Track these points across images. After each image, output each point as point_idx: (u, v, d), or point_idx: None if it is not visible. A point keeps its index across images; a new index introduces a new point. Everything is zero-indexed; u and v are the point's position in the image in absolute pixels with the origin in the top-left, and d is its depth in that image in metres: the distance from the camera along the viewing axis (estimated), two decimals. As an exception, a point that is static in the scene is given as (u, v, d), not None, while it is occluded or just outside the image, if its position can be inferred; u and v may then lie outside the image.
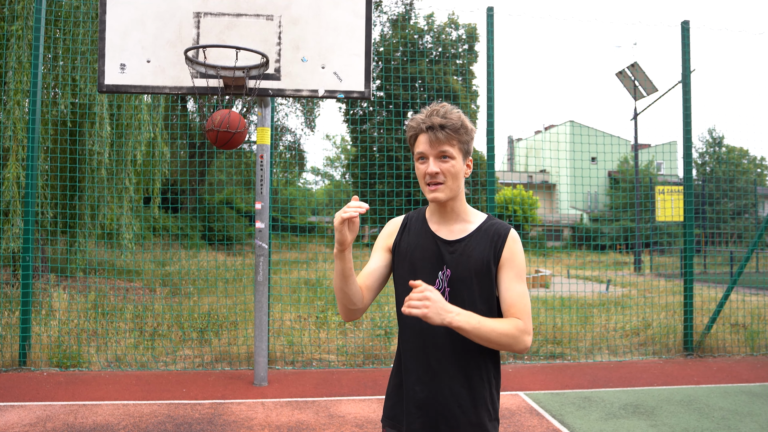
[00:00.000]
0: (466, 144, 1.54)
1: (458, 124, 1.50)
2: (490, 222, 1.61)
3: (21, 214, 6.35)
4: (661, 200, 8.18)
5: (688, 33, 5.99)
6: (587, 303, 7.80)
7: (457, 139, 1.51)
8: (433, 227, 1.61)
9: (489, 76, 5.67)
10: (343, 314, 1.59)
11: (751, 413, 4.13)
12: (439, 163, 1.50)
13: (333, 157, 46.07)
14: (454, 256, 1.54)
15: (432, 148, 1.50)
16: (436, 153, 1.50)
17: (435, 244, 1.57)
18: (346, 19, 4.42)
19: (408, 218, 1.67)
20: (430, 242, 1.58)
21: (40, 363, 5.07)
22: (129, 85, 4.35)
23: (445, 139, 1.49)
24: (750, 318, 6.82)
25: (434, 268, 1.55)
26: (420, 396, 1.53)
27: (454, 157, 1.51)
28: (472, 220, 1.61)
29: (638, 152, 15.96)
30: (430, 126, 1.49)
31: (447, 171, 1.51)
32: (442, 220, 1.60)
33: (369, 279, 1.61)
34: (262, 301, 4.65)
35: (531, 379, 5.05)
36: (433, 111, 1.52)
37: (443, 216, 1.60)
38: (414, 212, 1.69)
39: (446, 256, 1.55)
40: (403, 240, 1.63)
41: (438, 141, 1.49)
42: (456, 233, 1.58)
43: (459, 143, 1.52)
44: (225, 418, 3.91)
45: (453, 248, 1.56)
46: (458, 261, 1.53)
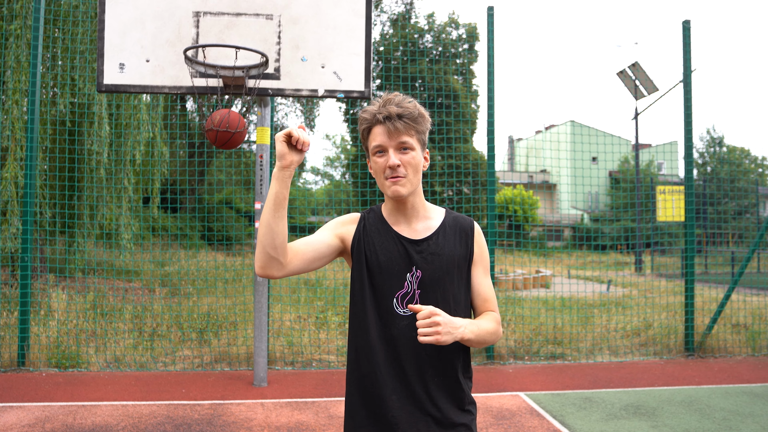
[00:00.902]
0: (423, 134, 1.47)
1: (416, 112, 1.43)
2: (451, 216, 1.55)
3: (19, 214, 6.34)
4: (662, 200, 8.17)
5: (689, 32, 5.97)
6: (588, 303, 7.79)
7: (415, 129, 1.43)
8: (394, 227, 1.51)
9: (489, 76, 5.65)
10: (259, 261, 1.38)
11: (752, 414, 4.11)
12: (399, 155, 1.42)
13: (333, 157, 46.08)
14: (424, 256, 1.47)
15: (391, 140, 1.42)
16: (395, 144, 1.42)
17: (400, 245, 1.48)
18: (346, 19, 4.40)
19: (363, 218, 1.55)
20: (394, 243, 1.48)
21: (39, 363, 5.06)
22: (128, 84, 4.34)
23: (404, 129, 1.41)
24: (751, 318, 6.81)
25: (402, 270, 1.46)
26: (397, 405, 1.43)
27: (413, 147, 1.43)
28: (433, 216, 1.54)
29: (639, 152, 15.93)
30: (387, 116, 1.41)
31: (408, 163, 1.43)
32: (402, 218, 1.51)
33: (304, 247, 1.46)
34: (262, 302, 4.64)
35: (531, 379, 5.04)
36: (387, 100, 1.43)
37: (403, 213, 1.51)
38: (367, 212, 1.57)
39: (414, 256, 1.46)
40: (362, 241, 1.50)
41: (397, 131, 1.41)
42: (420, 232, 1.50)
43: (417, 133, 1.44)
44: (224, 418, 3.90)
45: (420, 248, 1.48)
46: (428, 260, 1.46)
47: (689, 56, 5.98)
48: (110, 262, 8.32)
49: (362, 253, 1.49)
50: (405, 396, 1.44)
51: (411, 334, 1.42)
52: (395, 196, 1.44)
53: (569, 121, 36.24)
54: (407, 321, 1.43)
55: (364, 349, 1.47)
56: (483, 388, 4.69)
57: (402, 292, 1.45)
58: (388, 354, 1.44)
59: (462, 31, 22.98)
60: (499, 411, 4.16)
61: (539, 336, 6.11)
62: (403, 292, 1.45)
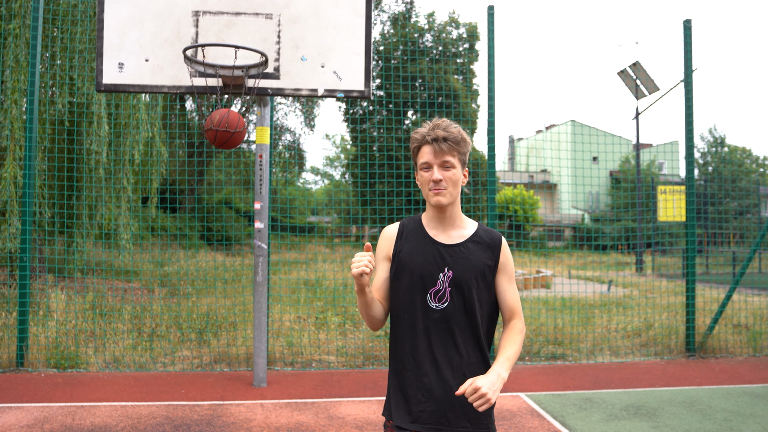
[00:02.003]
0: (464, 155, 1.73)
1: (459, 137, 1.70)
2: (483, 230, 1.80)
3: (18, 214, 6.32)
4: (663, 200, 8.15)
5: (690, 32, 5.95)
6: (588, 304, 7.77)
7: (458, 151, 1.70)
8: (431, 233, 1.77)
9: (490, 75, 5.63)
10: (370, 327, 1.79)
11: (753, 414, 4.10)
12: (442, 171, 1.69)
13: (333, 157, 46.07)
14: (455, 259, 1.71)
15: (436, 158, 1.69)
16: (439, 162, 1.69)
17: (435, 248, 1.73)
18: (346, 18, 4.38)
19: (403, 225, 1.82)
20: (430, 246, 1.74)
21: (38, 364, 5.04)
22: (127, 84, 4.32)
23: (448, 150, 1.68)
24: (752, 319, 6.79)
25: (436, 270, 1.70)
26: (428, 386, 1.67)
27: (455, 166, 1.70)
28: (467, 227, 1.79)
29: (640, 152, 15.91)
30: (434, 138, 1.68)
31: (449, 178, 1.69)
32: (439, 225, 1.77)
33: (382, 291, 1.78)
34: (261, 302, 4.62)
35: (532, 380, 5.02)
36: (436, 125, 1.70)
37: (441, 222, 1.76)
38: (408, 220, 1.84)
39: (447, 258, 1.71)
40: (403, 247, 1.77)
41: (441, 152, 1.68)
42: (454, 238, 1.76)
43: (459, 154, 1.71)
44: (224, 419, 3.89)
45: (453, 251, 1.73)
46: (459, 263, 1.70)
47: (690, 56, 5.96)
48: (109, 262, 8.31)
49: (403, 256, 1.75)
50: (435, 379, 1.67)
51: (442, 326, 1.69)
52: (437, 204, 1.71)
53: (570, 120, 36.22)
54: (439, 314, 1.69)
55: (402, 337, 1.73)
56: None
57: (435, 288, 1.70)
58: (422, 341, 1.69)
59: (462, 31, 22.95)
60: (499, 412, 4.14)
61: (540, 336, 6.09)
62: (436, 288, 1.70)
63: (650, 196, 12.10)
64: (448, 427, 1.66)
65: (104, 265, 7.98)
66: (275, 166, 13.98)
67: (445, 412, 1.66)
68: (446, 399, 1.66)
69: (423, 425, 1.67)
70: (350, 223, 16.41)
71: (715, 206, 16.01)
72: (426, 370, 1.68)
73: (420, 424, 1.67)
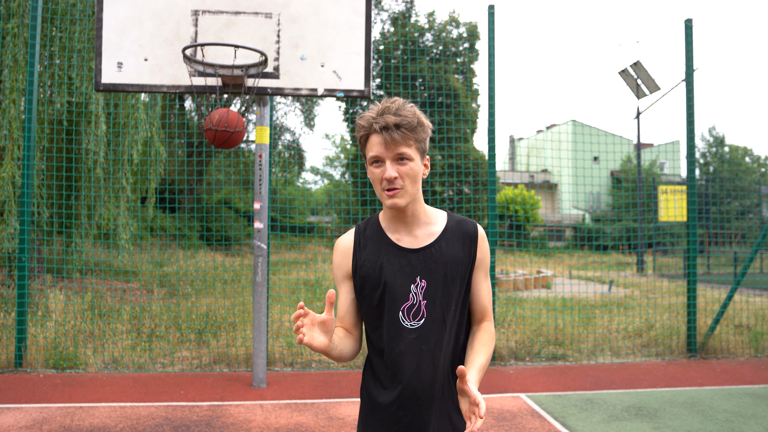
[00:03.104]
0: (422, 142, 1.41)
1: (414, 121, 1.36)
2: (455, 221, 1.50)
3: (17, 214, 6.31)
4: (664, 200, 8.14)
5: (691, 31, 5.93)
6: (589, 304, 7.76)
7: (414, 138, 1.37)
8: (393, 237, 1.47)
9: (490, 75, 5.61)
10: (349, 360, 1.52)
11: (755, 415, 4.08)
12: (396, 167, 1.37)
13: (332, 157, 46.02)
14: (427, 265, 1.43)
15: (388, 151, 1.36)
16: (392, 156, 1.37)
17: (402, 256, 1.44)
18: (346, 17, 4.37)
19: (359, 233, 1.51)
20: (395, 255, 1.44)
21: (37, 365, 5.03)
22: (126, 83, 4.31)
23: (402, 140, 1.35)
24: (754, 319, 6.77)
25: (406, 281, 1.42)
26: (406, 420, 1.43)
27: (412, 158, 1.38)
28: (435, 221, 1.49)
29: (641, 151, 15.89)
30: (384, 126, 1.35)
31: (406, 174, 1.38)
32: (402, 227, 1.47)
33: (348, 317, 1.50)
34: (261, 302, 4.61)
35: (532, 380, 5.00)
36: (384, 108, 1.37)
37: (403, 223, 1.46)
38: (363, 224, 1.53)
39: (418, 266, 1.42)
40: (361, 258, 1.47)
41: (394, 142, 1.35)
42: (421, 239, 1.46)
43: (416, 142, 1.38)
44: (223, 420, 3.87)
45: (423, 256, 1.44)
46: (432, 269, 1.42)
47: (691, 55, 5.94)
48: (108, 263, 8.29)
49: (365, 271, 1.46)
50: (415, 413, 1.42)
51: (420, 348, 1.40)
52: (393, 207, 1.40)
53: (571, 120, 36.21)
54: (415, 334, 1.41)
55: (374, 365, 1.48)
56: (484, 390, 4.65)
57: (408, 304, 1.42)
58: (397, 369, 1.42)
59: (462, 30, 22.94)
60: (500, 412, 4.12)
61: (540, 337, 6.07)
62: (409, 304, 1.42)
63: (651, 196, 12.09)
64: None
65: (103, 266, 7.96)
66: (275, 166, 13.96)
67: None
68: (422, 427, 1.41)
69: None
70: (350, 223, 16.39)
71: (716, 206, 15.99)
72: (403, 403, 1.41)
73: None
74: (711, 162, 37.82)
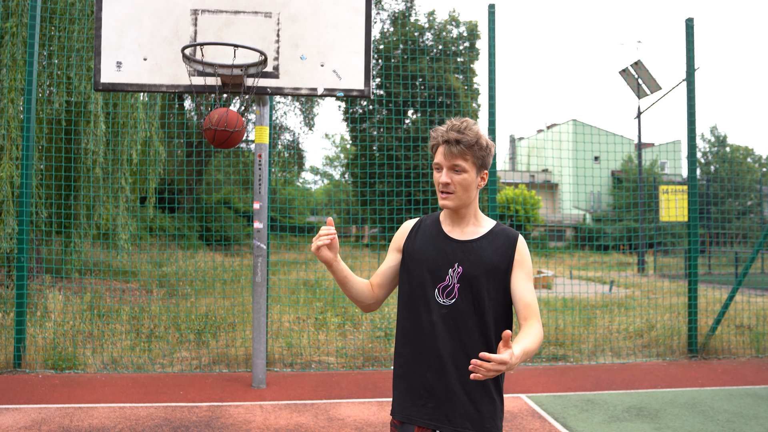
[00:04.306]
0: (480, 159, 1.65)
1: (473, 141, 1.62)
2: (500, 228, 1.74)
3: (15, 214, 6.29)
4: (665, 200, 8.12)
5: (692, 30, 5.91)
6: (590, 304, 7.74)
7: (471, 154, 1.63)
8: (446, 229, 1.74)
9: (490, 74, 5.59)
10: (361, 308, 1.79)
11: (756, 416, 4.06)
12: (451, 174, 1.64)
13: (332, 157, 46.03)
14: (466, 255, 1.66)
15: (446, 160, 1.64)
16: (449, 165, 1.64)
17: (447, 244, 1.70)
18: (346, 17, 4.35)
19: (422, 220, 1.81)
20: (442, 242, 1.71)
21: (35, 365, 5.01)
22: (125, 83, 4.29)
23: (459, 154, 1.62)
24: (755, 319, 6.76)
25: (446, 265, 1.66)
26: (431, 383, 1.64)
27: (466, 170, 1.64)
28: (483, 225, 1.74)
29: (642, 151, 15.88)
30: (446, 140, 1.63)
31: (458, 182, 1.64)
32: (454, 223, 1.73)
33: (379, 277, 1.77)
34: (261, 303, 4.59)
35: (533, 381, 4.99)
36: (452, 126, 1.64)
37: (455, 220, 1.73)
38: (428, 216, 1.82)
39: (458, 254, 1.67)
40: (415, 240, 1.75)
41: (451, 154, 1.62)
42: (468, 234, 1.71)
43: (473, 158, 1.64)
44: (223, 420, 3.86)
45: (465, 247, 1.68)
46: (469, 259, 1.65)
47: (692, 54, 5.92)
48: (107, 263, 8.27)
49: (415, 249, 1.73)
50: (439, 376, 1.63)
51: (449, 322, 1.63)
52: (442, 207, 1.69)
53: (571, 119, 36.17)
54: (446, 310, 1.64)
55: (407, 331, 1.71)
56: (484, 391, 4.64)
57: (444, 284, 1.66)
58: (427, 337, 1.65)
59: (463, 29, 22.92)
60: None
61: (541, 337, 6.05)
62: (445, 284, 1.66)
63: (652, 195, 12.07)
64: (449, 426, 1.62)
65: (102, 266, 7.94)
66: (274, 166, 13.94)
67: (446, 411, 1.62)
68: (448, 398, 1.62)
69: (424, 421, 1.64)
70: (350, 223, 16.38)
71: (717, 206, 15.97)
72: (430, 366, 1.64)
73: (421, 419, 1.64)
74: (712, 162, 37.79)
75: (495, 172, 5.66)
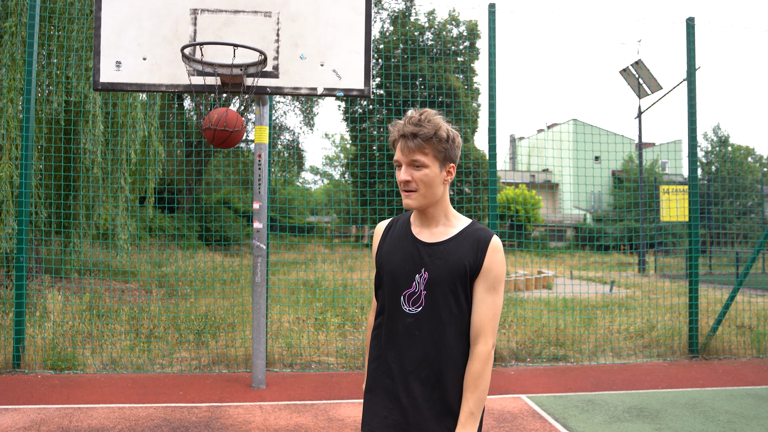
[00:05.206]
0: (443, 152, 1.53)
1: (430, 133, 1.48)
2: (473, 227, 1.60)
3: (14, 214, 6.28)
4: (666, 200, 8.11)
5: (693, 30, 5.90)
6: (591, 304, 7.73)
7: (431, 148, 1.50)
8: (414, 230, 1.62)
9: (491, 74, 5.58)
10: None
11: (757, 416, 4.05)
12: (411, 171, 1.51)
13: (332, 156, 46.00)
14: (433, 259, 1.54)
15: (405, 156, 1.52)
16: (408, 161, 1.52)
17: (414, 247, 1.58)
18: (346, 16, 4.34)
19: (394, 221, 1.70)
20: (409, 245, 1.59)
21: (35, 365, 5.00)
22: (125, 83, 4.28)
23: (416, 148, 1.49)
24: (756, 320, 6.74)
25: (412, 270, 1.55)
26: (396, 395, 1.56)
27: (427, 165, 1.51)
28: (455, 225, 1.61)
29: (642, 151, 15.87)
30: (403, 134, 1.51)
31: (419, 179, 1.51)
32: (423, 224, 1.61)
33: None
34: (260, 303, 4.58)
35: (533, 381, 4.97)
36: (410, 118, 1.51)
37: (424, 220, 1.61)
38: (400, 216, 1.71)
39: (425, 258, 1.55)
40: (385, 244, 1.65)
41: (409, 149, 1.50)
42: (437, 236, 1.59)
43: (433, 151, 1.51)
44: (222, 421, 3.85)
45: (432, 251, 1.56)
46: (435, 264, 1.53)
47: (693, 54, 5.91)
48: (107, 263, 8.27)
49: (383, 254, 1.64)
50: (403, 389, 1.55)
51: (414, 332, 1.53)
52: (405, 207, 1.57)
53: (572, 119, 36.15)
54: (412, 319, 1.54)
55: (378, 340, 1.63)
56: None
57: (410, 291, 1.55)
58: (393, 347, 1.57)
59: (463, 29, 22.90)
60: (500, 414, 4.10)
61: (541, 338, 6.04)
62: (411, 291, 1.55)
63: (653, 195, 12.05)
64: None
65: (101, 266, 7.93)
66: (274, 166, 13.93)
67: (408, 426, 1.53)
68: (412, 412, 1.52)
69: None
70: (350, 223, 16.37)
71: (718, 206, 15.95)
72: (394, 379, 1.56)
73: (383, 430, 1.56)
74: (713, 161, 37.76)
75: (495, 173, 5.65)
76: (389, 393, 1.56)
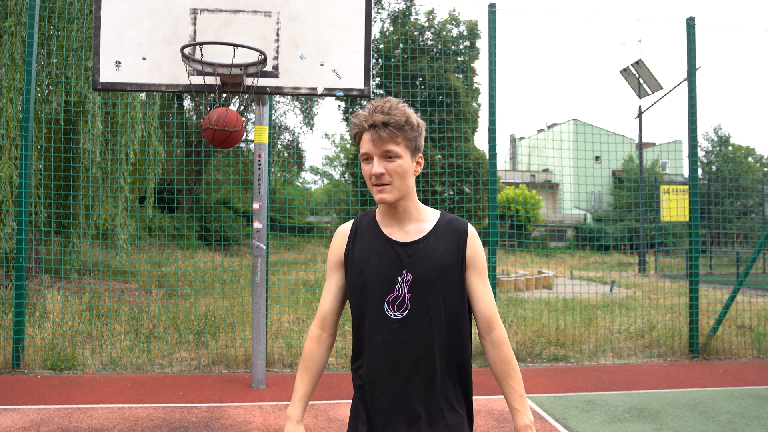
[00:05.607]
0: (413, 141, 1.47)
1: (402, 120, 1.42)
2: (445, 219, 1.54)
3: (14, 214, 6.27)
4: (666, 200, 8.10)
5: (693, 30, 5.89)
6: (591, 305, 7.72)
7: (403, 137, 1.44)
8: (385, 231, 1.53)
9: (491, 74, 5.57)
10: None
11: (757, 417, 4.05)
12: (384, 163, 1.43)
13: (332, 156, 45.98)
14: (414, 259, 1.47)
15: (376, 147, 1.43)
16: (380, 152, 1.43)
17: (391, 249, 1.49)
18: (346, 16, 4.33)
19: (357, 224, 1.59)
20: (385, 247, 1.50)
21: (34, 366, 5.00)
22: (124, 83, 4.28)
23: (389, 138, 1.42)
24: (756, 320, 6.74)
25: (393, 274, 1.47)
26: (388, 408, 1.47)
27: (400, 155, 1.44)
28: (427, 219, 1.54)
29: (643, 151, 15.86)
30: (372, 124, 1.42)
31: (393, 171, 1.44)
32: (394, 222, 1.52)
33: (331, 303, 1.60)
34: (260, 303, 4.58)
35: (534, 382, 4.97)
36: (375, 107, 1.44)
37: (395, 217, 1.52)
38: (361, 216, 1.61)
39: (405, 259, 1.47)
40: (355, 248, 1.54)
41: (381, 140, 1.42)
42: (412, 234, 1.51)
43: (405, 140, 1.44)
44: (222, 421, 3.84)
45: (412, 250, 1.48)
46: (419, 264, 1.47)
47: (693, 54, 5.90)
48: (106, 263, 8.26)
49: (354, 260, 1.52)
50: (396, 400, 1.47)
51: (402, 338, 1.45)
52: (381, 202, 1.47)
53: (572, 119, 36.14)
54: (399, 325, 1.46)
55: (360, 351, 1.54)
56: (485, 391, 4.62)
57: (393, 295, 1.47)
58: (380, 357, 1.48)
59: (463, 29, 22.90)
60: (501, 414, 4.09)
61: (541, 338, 6.04)
62: (394, 295, 1.47)
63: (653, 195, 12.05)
64: None
65: (101, 266, 7.93)
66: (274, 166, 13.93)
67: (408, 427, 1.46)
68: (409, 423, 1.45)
69: None
70: (350, 223, 16.32)
71: (718, 206, 15.95)
72: (384, 391, 1.46)
73: None
74: (714, 161, 37.75)
75: (495, 172, 5.64)
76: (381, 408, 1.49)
